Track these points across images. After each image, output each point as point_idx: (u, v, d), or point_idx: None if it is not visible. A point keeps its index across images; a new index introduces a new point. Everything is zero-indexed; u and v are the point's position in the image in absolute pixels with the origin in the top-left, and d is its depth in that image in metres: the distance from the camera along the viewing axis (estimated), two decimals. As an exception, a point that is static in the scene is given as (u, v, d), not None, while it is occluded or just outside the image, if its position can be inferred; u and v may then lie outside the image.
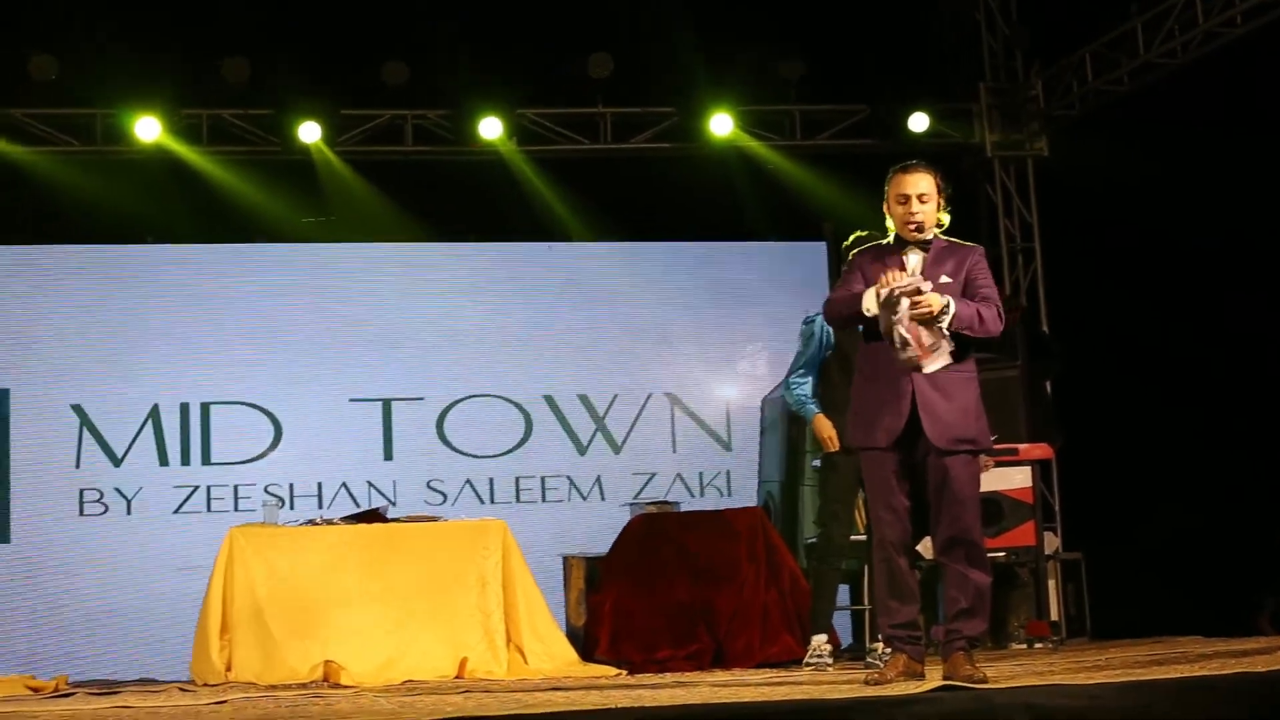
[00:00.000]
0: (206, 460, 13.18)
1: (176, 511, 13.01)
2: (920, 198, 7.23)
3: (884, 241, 7.42)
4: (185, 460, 13.14)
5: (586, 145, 13.58)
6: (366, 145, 13.39)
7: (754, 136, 13.62)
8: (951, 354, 7.00)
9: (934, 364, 6.98)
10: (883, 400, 7.12)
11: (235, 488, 13.14)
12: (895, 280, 6.98)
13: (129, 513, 12.95)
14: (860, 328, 7.32)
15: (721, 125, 13.40)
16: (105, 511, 12.90)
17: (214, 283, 13.35)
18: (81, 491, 12.91)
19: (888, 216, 7.36)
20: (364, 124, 13.34)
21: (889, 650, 7.43)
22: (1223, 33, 11.78)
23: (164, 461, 13.10)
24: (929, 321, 6.93)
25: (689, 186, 13.46)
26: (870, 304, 7.05)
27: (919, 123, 13.51)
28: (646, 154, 13.66)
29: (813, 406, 9.09)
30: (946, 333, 6.98)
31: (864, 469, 7.29)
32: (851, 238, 9.24)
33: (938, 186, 7.29)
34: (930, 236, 7.26)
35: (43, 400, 12.93)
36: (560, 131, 13.57)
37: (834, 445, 8.90)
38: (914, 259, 7.23)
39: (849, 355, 8.70)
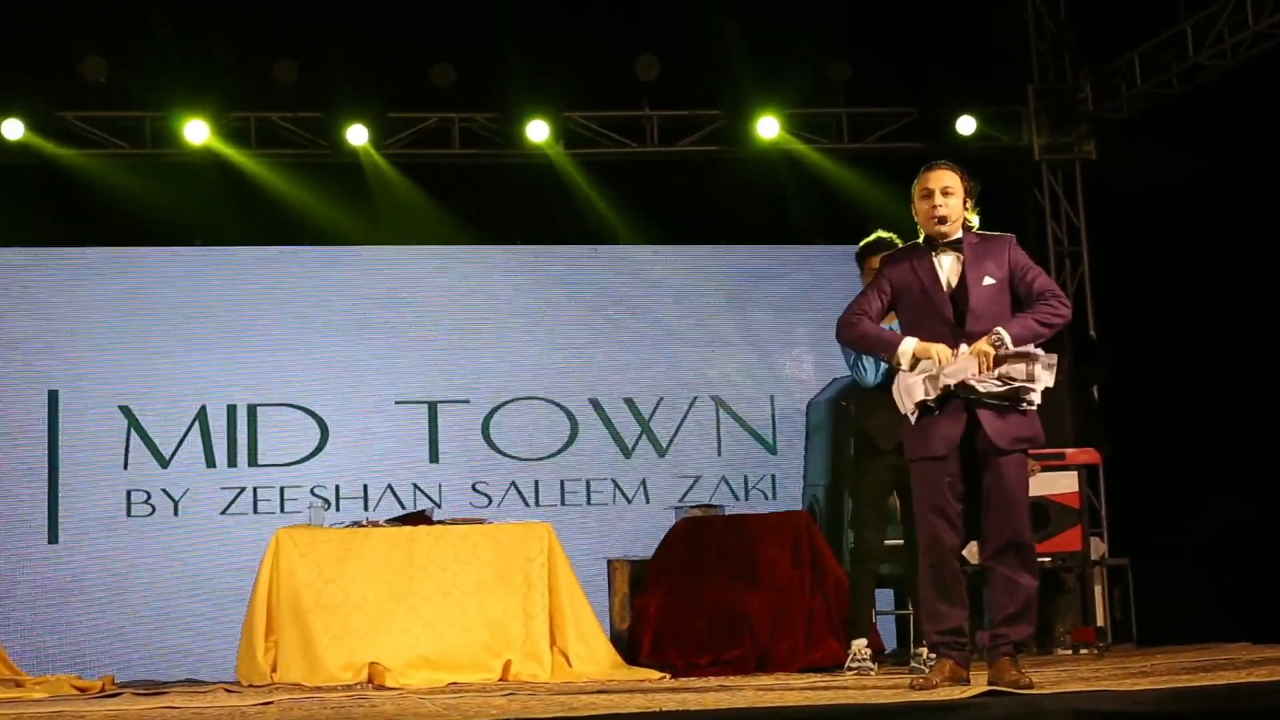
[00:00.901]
0: (253, 462, 13.21)
1: (224, 513, 13.05)
2: (944, 191, 7.17)
3: (915, 242, 7.34)
4: (232, 462, 13.17)
5: (633, 148, 13.57)
6: (414, 148, 13.40)
7: (801, 139, 13.59)
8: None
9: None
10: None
11: (281, 489, 13.16)
12: (945, 366, 6.91)
13: (176, 514, 12.98)
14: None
15: (768, 128, 13.38)
16: (153, 513, 12.95)
17: (261, 285, 13.40)
18: (129, 493, 12.95)
19: (914, 217, 7.31)
20: (411, 127, 13.37)
21: (934, 655, 7.40)
22: (1273, 35, 11.69)
23: (210, 463, 13.13)
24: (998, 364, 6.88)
25: (735, 189, 13.45)
26: (904, 359, 7.01)
27: (967, 125, 13.46)
28: (693, 157, 13.65)
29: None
30: (1017, 354, 6.91)
31: (917, 477, 7.18)
32: (863, 242, 9.19)
33: (963, 183, 7.23)
34: (958, 234, 7.19)
35: (91, 402, 12.99)
36: (607, 134, 13.57)
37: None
38: (947, 260, 7.16)
39: None
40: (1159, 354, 12.16)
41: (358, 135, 13.04)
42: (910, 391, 7.01)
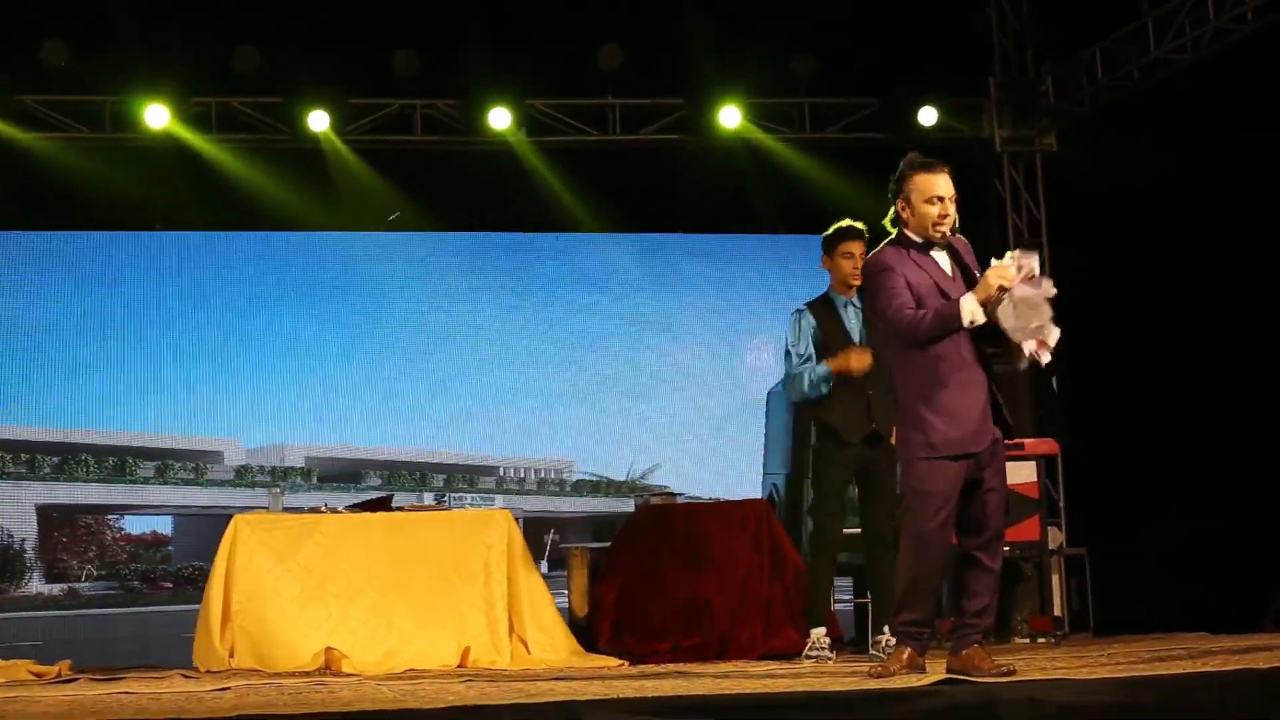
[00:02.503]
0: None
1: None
2: (952, 199, 7.14)
3: (901, 241, 7.22)
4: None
5: (595, 136, 13.56)
6: (375, 134, 13.38)
7: (763, 129, 13.60)
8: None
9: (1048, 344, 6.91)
10: (972, 402, 7.04)
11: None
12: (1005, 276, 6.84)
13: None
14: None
15: (730, 117, 13.38)
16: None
17: (221, 269, 13.40)
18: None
19: (903, 214, 7.19)
20: (373, 113, 13.34)
21: (893, 643, 7.39)
22: (1233, 29, 11.75)
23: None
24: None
25: (697, 178, 13.47)
26: (975, 314, 6.89)
27: (928, 117, 13.48)
28: (655, 145, 13.65)
29: (821, 368, 9.02)
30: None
31: (935, 476, 6.98)
32: (832, 228, 9.22)
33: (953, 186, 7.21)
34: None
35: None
36: (569, 122, 13.56)
37: (861, 361, 8.87)
38: (943, 258, 7.16)
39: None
40: (1117, 346, 12.20)
41: (319, 121, 13.00)
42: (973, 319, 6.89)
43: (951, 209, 7.13)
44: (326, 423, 13.53)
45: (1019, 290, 6.86)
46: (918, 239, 7.15)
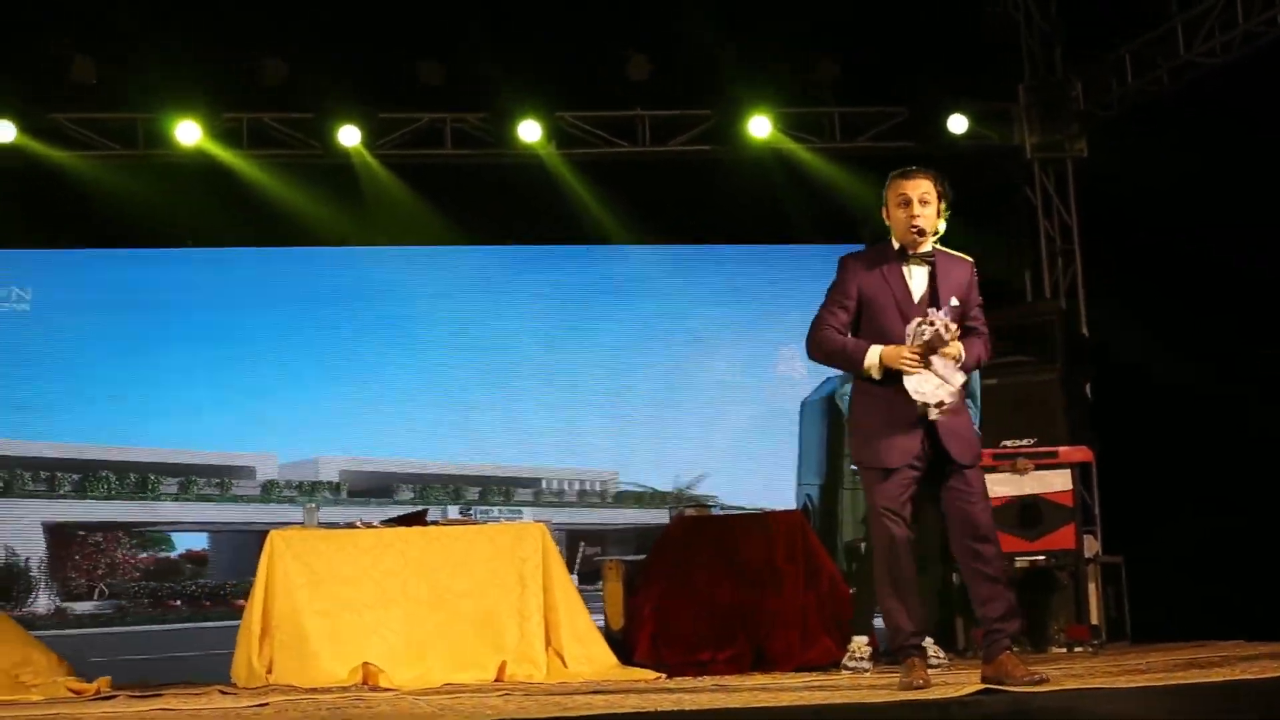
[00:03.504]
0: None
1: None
2: (922, 200, 7.10)
3: (881, 247, 7.24)
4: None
5: (625, 148, 13.57)
6: (406, 149, 13.40)
7: (792, 138, 13.59)
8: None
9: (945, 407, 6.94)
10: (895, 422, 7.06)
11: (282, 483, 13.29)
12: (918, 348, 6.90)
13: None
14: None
15: (760, 127, 13.37)
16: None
17: (253, 285, 13.45)
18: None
19: (886, 221, 7.21)
20: (403, 127, 13.36)
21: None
22: (1263, 32, 11.71)
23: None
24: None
25: (727, 188, 13.46)
26: (874, 370, 6.96)
27: (958, 124, 13.45)
28: (685, 156, 13.64)
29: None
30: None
31: (875, 482, 7.11)
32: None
33: (938, 191, 7.15)
34: (930, 247, 7.13)
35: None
36: (599, 134, 13.57)
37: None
38: (918, 273, 7.11)
39: None
40: (1151, 352, 12.15)
41: (349, 136, 13.03)
42: (933, 387, 6.95)
43: (923, 210, 7.09)
44: (360, 437, 13.56)
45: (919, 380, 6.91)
46: (896, 246, 7.15)
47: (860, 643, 9.09)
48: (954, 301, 7.04)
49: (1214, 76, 12.27)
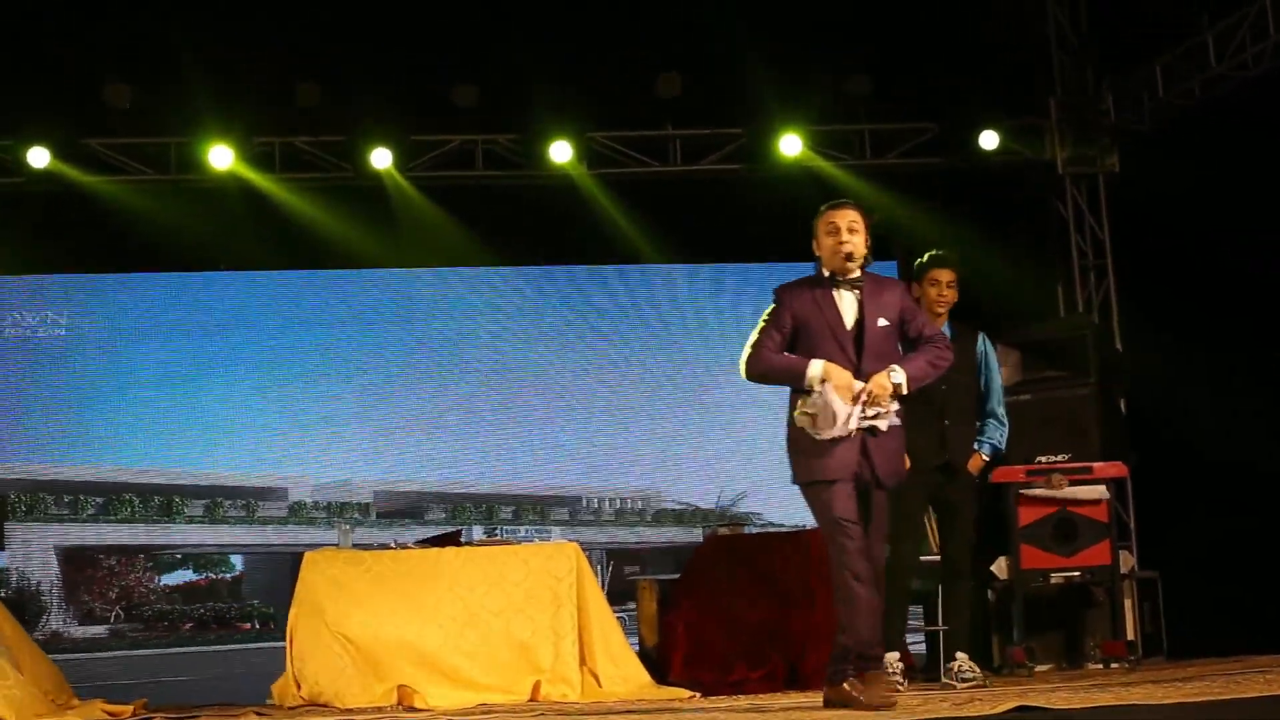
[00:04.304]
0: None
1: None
2: (850, 228, 7.45)
3: (811, 277, 7.58)
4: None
5: (656, 167, 13.59)
6: (437, 170, 13.43)
7: (823, 156, 13.58)
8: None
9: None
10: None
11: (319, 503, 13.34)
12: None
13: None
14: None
15: (791, 145, 13.37)
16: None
17: (287, 308, 13.49)
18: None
19: (816, 251, 7.58)
20: (435, 149, 13.40)
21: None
22: (1295, 44, 11.68)
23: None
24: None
25: (759, 207, 13.46)
26: (814, 382, 7.27)
27: (989, 140, 13.43)
28: (716, 175, 13.65)
29: None
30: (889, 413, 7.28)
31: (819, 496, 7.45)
32: (928, 256, 9.35)
33: (866, 222, 7.53)
34: (858, 272, 7.44)
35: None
36: (630, 154, 13.58)
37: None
38: (848, 297, 7.43)
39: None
40: (1185, 367, 12.10)
41: (381, 158, 13.07)
42: (838, 415, 7.14)
43: (851, 237, 7.45)
44: (393, 458, 13.58)
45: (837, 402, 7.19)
46: (827, 273, 7.51)
47: (891, 658, 9.05)
48: (882, 322, 7.40)
49: (1246, 88, 12.23)
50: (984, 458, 9.36)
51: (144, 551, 13.45)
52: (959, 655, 9.10)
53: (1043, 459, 11.06)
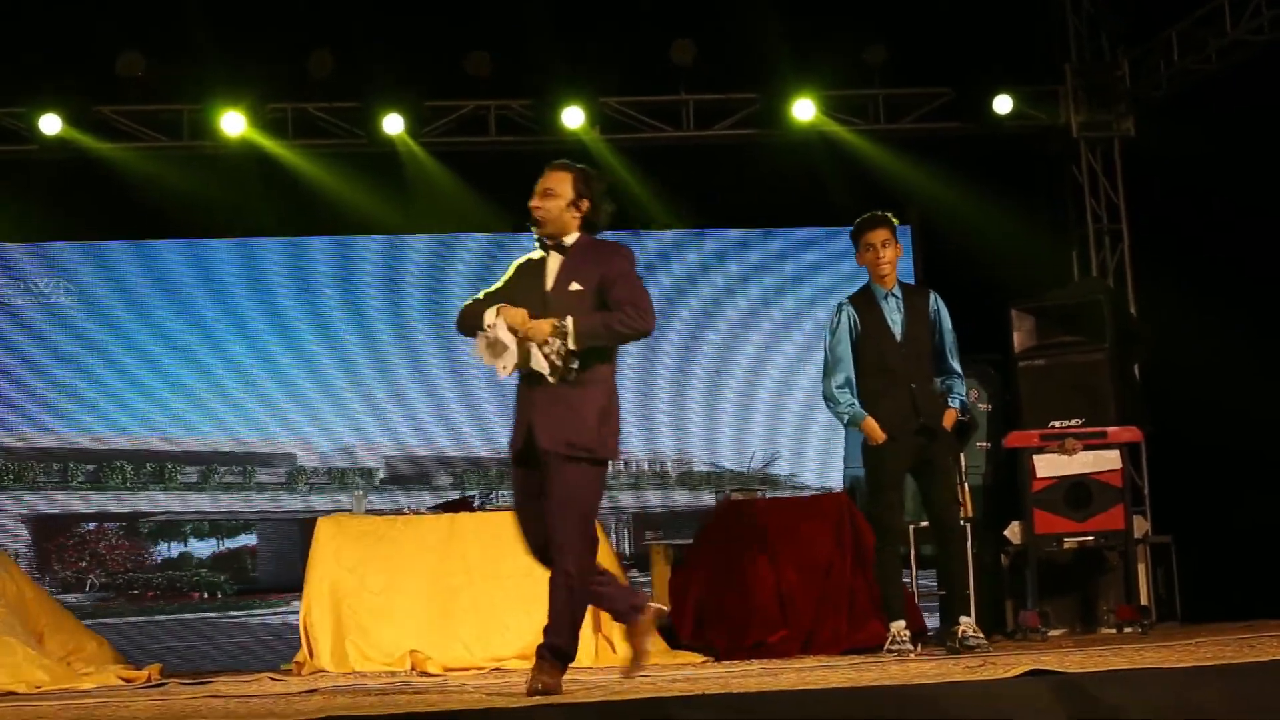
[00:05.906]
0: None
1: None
2: (544, 193, 7.24)
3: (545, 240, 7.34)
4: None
5: (669, 132, 13.55)
6: (450, 136, 13.40)
7: (837, 121, 13.53)
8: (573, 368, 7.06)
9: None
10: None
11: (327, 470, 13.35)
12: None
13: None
14: None
15: (804, 110, 13.33)
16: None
17: (300, 274, 13.51)
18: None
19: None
20: (448, 115, 13.37)
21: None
22: (1311, 9, 11.63)
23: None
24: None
25: (772, 172, 13.43)
26: (489, 319, 7.11)
27: (1004, 105, 13.38)
28: (730, 140, 13.62)
29: (857, 416, 9.07)
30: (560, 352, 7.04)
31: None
32: (857, 221, 9.24)
33: (575, 187, 7.27)
34: (567, 238, 7.25)
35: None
36: (643, 119, 13.55)
37: (881, 437, 8.96)
38: (554, 264, 7.22)
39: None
40: (1200, 332, 12.07)
41: (394, 124, 13.04)
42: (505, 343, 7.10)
43: (543, 204, 7.23)
44: (404, 424, 13.58)
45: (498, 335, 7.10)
46: (540, 241, 7.33)
47: (898, 627, 9.03)
48: (574, 286, 7.14)
49: (1262, 55, 12.17)
50: (959, 414, 9.26)
51: (148, 518, 13.47)
52: (963, 620, 9.05)
53: (1056, 423, 11.06)
